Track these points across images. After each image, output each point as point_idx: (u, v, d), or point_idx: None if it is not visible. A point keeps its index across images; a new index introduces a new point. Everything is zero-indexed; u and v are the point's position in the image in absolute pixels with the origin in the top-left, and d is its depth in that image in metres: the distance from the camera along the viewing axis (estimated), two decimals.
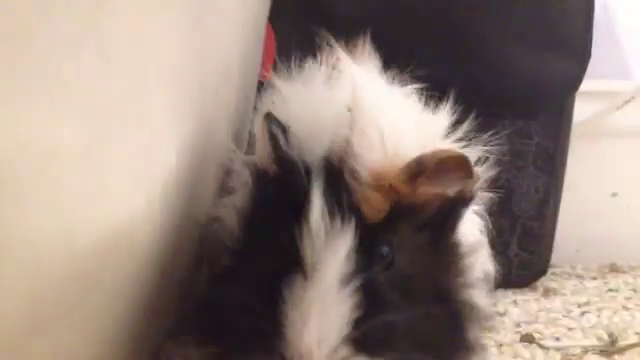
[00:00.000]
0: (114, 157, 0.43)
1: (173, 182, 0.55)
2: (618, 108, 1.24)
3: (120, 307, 0.52)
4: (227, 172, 0.68)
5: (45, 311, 0.38)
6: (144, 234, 0.51)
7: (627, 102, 1.23)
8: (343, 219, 0.51)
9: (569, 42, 1.06)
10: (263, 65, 0.95)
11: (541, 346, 0.70)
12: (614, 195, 1.28)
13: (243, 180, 0.64)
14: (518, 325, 0.79)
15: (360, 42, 0.71)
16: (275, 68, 0.98)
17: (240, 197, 0.63)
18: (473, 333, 0.56)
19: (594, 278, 1.10)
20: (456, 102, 0.65)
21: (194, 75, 0.57)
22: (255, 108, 0.71)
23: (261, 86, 0.90)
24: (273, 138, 0.56)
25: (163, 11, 0.48)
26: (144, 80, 0.46)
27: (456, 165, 0.54)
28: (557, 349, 0.69)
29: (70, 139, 0.38)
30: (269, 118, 0.57)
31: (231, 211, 0.62)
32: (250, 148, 0.73)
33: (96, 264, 0.43)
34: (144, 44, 0.46)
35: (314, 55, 0.72)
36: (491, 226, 0.68)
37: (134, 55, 0.44)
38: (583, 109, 1.15)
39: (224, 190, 0.68)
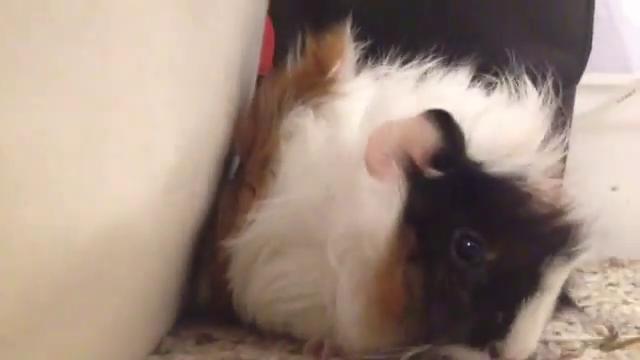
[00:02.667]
0: (113, 152, 0.43)
1: (173, 177, 0.55)
2: (618, 102, 1.23)
3: (121, 301, 0.52)
4: None
5: (43, 307, 0.38)
6: (145, 229, 0.50)
7: (628, 96, 1.23)
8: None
9: (569, 35, 1.05)
10: (262, 60, 0.95)
11: (541, 341, 0.70)
12: (614, 189, 1.28)
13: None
14: None
15: (345, 30, 0.70)
16: (275, 62, 0.98)
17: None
18: None
19: (594, 272, 1.09)
20: None
21: (193, 70, 0.57)
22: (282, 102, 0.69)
23: (260, 80, 0.90)
24: (452, 140, 0.56)
25: (163, 7, 0.48)
26: (143, 75, 0.46)
27: None
28: (557, 343, 0.69)
29: (67, 133, 0.38)
30: (441, 116, 0.56)
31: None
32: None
33: (96, 259, 0.43)
34: (144, 39, 0.46)
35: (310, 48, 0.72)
36: None
37: (133, 50, 0.44)
38: (583, 102, 1.15)
39: None
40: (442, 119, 0.56)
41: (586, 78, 1.06)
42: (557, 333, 0.73)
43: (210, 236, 0.70)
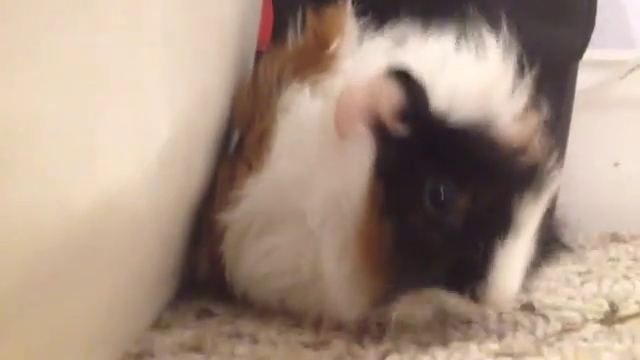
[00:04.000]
0: (107, 128, 0.43)
1: (168, 151, 0.54)
2: (622, 77, 1.22)
3: (118, 276, 0.52)
4: None
5: (39, 282, 0.38)
6: (140, 203, 0.50)
7: (631, 71, 1.22)
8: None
9: (573, 11, 1.04)
10: (261, 35, 0.94)
11: (541, 315, 0.70)
12: (616, 165, 1.27)
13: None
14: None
15: (346, 5, 0.70)
16: (274, 37, 0.97)
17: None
18: None
19: (595, 247, 1.09)
20: None
21: (188, 43, 0.56)
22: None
23: (259, 56, 0.89)
24: (414, 95, 0.57)
25: None
26: (136, 49, 0.46)
27: None
28: (557, 318, 0.69)
29: (59, 108, 0.37)
30: (402, 73, 0.57)
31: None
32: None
33: (91, 234, 0.43)
34: (137, 12, 0.45)
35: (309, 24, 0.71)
36: None
37: (127, 25, 0.43)
38: (586, 79, 1.14)
39: None
40: (403, 76, 0.57)
41: (588, 54, 1.05)
42: (557, 308, 0.73)
43: (208, 211, 0.70)
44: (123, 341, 0.57)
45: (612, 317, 0.70)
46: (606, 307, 0.73)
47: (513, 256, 0.57)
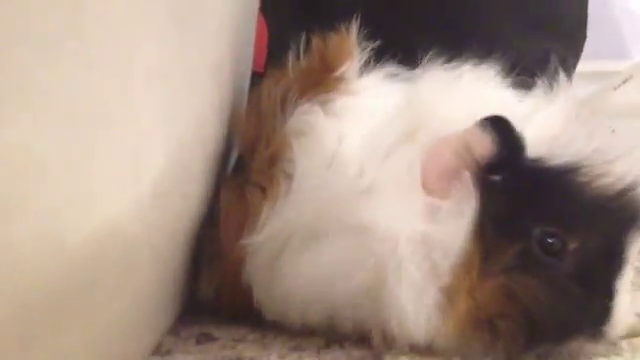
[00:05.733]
0: (101, 163, 0.43)
1: (162, 181, 0.54)
2: (615, 88, 1.23)
3: (117, 305, 0.52)
4: None
5: (35, 315, 0.38)
6: (136, 234, 0.50)
7: (624, 82, 1.23)
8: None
9: (564, 23, 1.04)
10: (256, 56, 0.94)
11: None
12: None
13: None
14: None
15: (348, 28, 0.70)
16: (269, 58, 0.98)
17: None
18: None
19: None
20: None
21: (180, 74, 0.56)
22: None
23: (254, 77, 0.90)
24: (511, 145, 0.57)
25: (145, 13, 0.47)
26: (128, 82, 0.46)
27: None
28: None
29: (51, 144, 0.37)
30: (500, 122, 0.57)
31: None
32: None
33: (87, 267, 0.43)
34: (130, 49, 0.45)
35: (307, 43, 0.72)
36: None
37: (117, 58, 0.43)
38: (580, 90, 1.14)
39: None
40: (500, 125, 0.57)
41: (582, 65, 1.05)
42: None
43: (211, 236, 0.70)
44: None
45: None
46: None
47: (625, 290, 0.59)
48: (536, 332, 0.58)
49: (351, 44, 0.70)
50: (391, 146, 0.62)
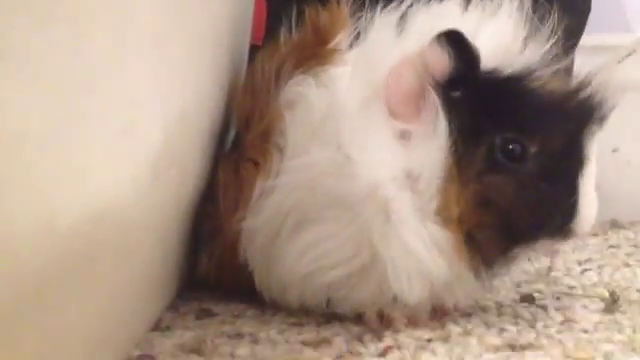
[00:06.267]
0: (93, 136, 0.42)
1: (160, 157, 0.53)
2: (619, 62, 1.21)
3: (114, 283, 0.51)
4: None
5: (28, 294, 0.37)
6: (133, 211, 0.49)
7: (628, 56, 1.21)
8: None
9: None
10: (255, 29, 0.93)
11: (541, 306, 0.70)
12: (615, 151, 1.27)
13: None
14: (519, 285, 0.78)
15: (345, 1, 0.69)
16: (268, 31, 0.96)
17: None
18: None
19: (595, 234, 1.09)
20: None
21: (179, 44, 0.55)
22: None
23: (253, 50, 0.88)
24: (467, 57, 0.58)
25: None
26: (124, 53, 0.44)
27: None
28: (556, 309, 0.68)
29: (41, 118, 0.36)
30: (455, 36, 0.58)
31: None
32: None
33: (81, 245, 0.42)
34: (124, 13, 0.44)
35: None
36: None
37: (113, 27, 0.42)
38: (584, 63, 1.13)
39: None
40: (455, 38, 0.58)
41: (586, 39, 1.04)
42: (557, 298, 0.73)
43: (210, 212, 0.70)
44: (123, 344, 0.57)
45: (613, 307, 0.70)
46: (607, 296, 0.72)
47: (590, 184, 0.60)
48: (511, 234, 0.59)
49: (344, 16, 0.69)
50: (357, 106, 0.62)
